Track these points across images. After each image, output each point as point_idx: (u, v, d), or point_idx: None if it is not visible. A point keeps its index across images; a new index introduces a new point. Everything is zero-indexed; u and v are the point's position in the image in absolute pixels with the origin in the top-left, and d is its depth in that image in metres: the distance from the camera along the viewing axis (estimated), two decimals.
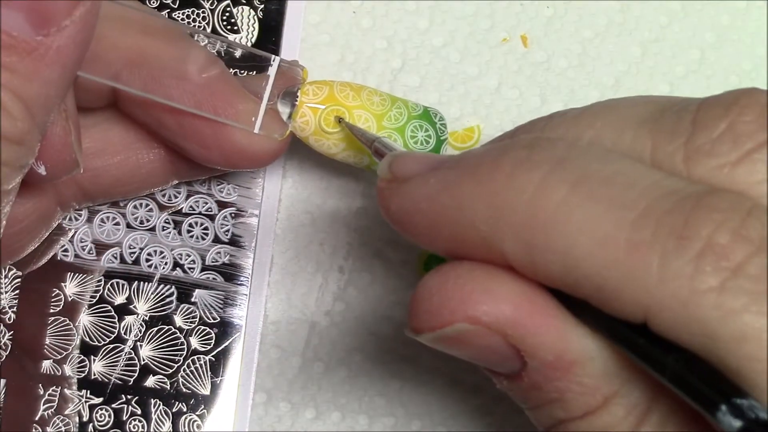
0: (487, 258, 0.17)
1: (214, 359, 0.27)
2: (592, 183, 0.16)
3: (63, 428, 0.27)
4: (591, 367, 0.17)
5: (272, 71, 0.23)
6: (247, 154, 0.24)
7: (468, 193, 0.17)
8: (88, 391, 0.27)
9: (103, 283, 0.28)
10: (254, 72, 0.25)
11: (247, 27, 0.29)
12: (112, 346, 0.28)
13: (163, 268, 0.28)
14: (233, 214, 0.28)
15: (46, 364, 0.28)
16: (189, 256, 0.28)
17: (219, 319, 0.28)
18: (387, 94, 0.25)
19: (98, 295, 0.28)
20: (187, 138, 0.24)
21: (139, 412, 0.27)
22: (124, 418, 0.27)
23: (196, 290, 0.28)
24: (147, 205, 0.28)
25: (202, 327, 0.28)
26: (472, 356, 0.18)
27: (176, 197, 0.28)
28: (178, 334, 0.28)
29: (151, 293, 0.28)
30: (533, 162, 0.17)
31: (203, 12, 0.29)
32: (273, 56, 0.23)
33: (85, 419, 0.27)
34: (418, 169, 0.19)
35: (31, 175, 0.20)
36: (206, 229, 0.28)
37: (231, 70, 0.24)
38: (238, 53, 0.23)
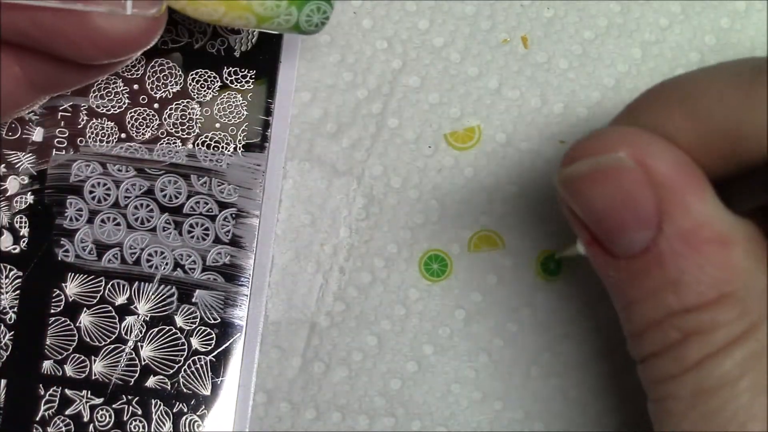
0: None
1: (214, 360, 0.28)
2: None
3: (63, 429, 0.28)
4: (720, 254, 0.17)
5: None
6: (117, 37, 0.22)
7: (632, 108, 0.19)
8: (89, 392, 0.28)
9: (103, 283, 0.28)
10: None
11: None
12: (112, 346, 0.28)
13: (164, 268, 0.28)
14: (234, 215, 0.29)
15: (47, 365, 0.28)
16: (190, 256, 0.28)
17: (220, 319, 0.28)
18: None
19: (99, 295, 0.28)
20: (52, 41, 0.22)
21: (139, 412, 0.28)
22: (125, 419, 0.28)
23: (197, 291, 0.28)
24: (148, 205, 0.29)
25: (203, 327, 0.28)
26: (610, 203, 0.18)
27: (177, 197, 0.29)
28: (179, 334, 0.28)
29: (152, 294, 0.28)
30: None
31: None
32: None
33: (85, 420, 0.28)
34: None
35: None
36: (207, 229, 0.28)
37: None
38: None
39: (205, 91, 0.29)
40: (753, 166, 0.17)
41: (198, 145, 0.29)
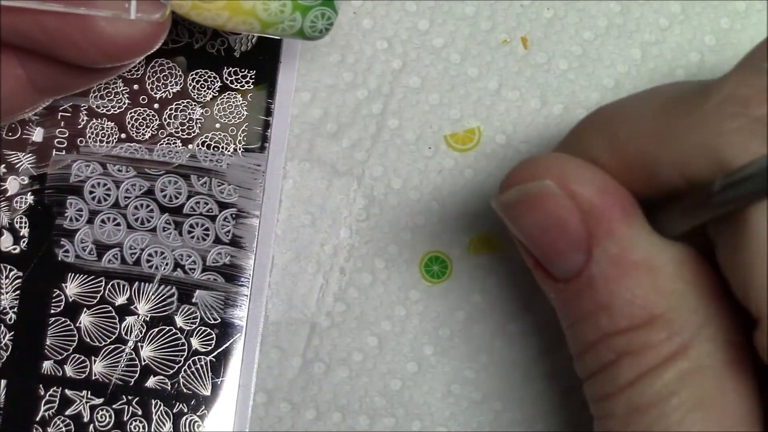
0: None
1: (214, 360, 0.28)
2: None
3: (64, 429, 0.28)
4: (648, 277, 0.18)
5: None
6: (121, 42, 0.22)
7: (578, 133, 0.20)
8: (89, 392, 0.28)
9: (103, 283, 0.28)
10: None
11: None
12: (112, 346, 0.28)
13: (164, 268, 0.28)
14: (234, 215, 0.29)
15: (47, 365, 0.28)
16: (190, 256, 0.28)
17: (220, 319, 0.28)
18: None
19: (99, 295, 0.28)
20: (56, 45, 0.22)
21: (140, 412, 0.28)
22: (125, 419, 0.28)
23: (197, 291, 0.28)
24: (148, 206, 0.29)
25: (203, 328, 0.28)
26: (541, 228, 0.19)
27: (177, 198, 0.29)
28: (179, 334, 0.28)
29: (152, 294, 0.28)
30: None
31: None
32: None
33: (85, 420, 0.28)
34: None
35: None
36: (207, 229, 0.29)
37: None
38: None
39: (205, 91, 0.29)
40: (675, 193, 0.18)
41: (198, 145, 0.29)
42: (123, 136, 0.29)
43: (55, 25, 0.21)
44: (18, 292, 0.28)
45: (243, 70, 0.29)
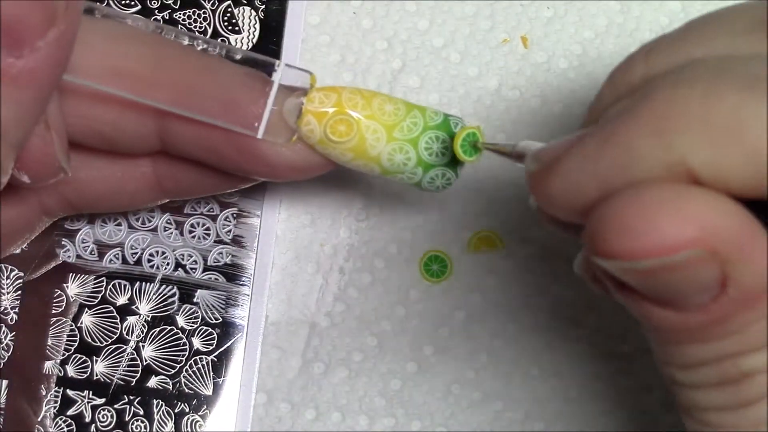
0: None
1: (216, 359, 0.28)
2: (761, 81, 0.16)
3: (65, 429, 0.28)
4: None
5: (277, 76, 0.23)
6: (280, 164, 0.24)
7: (632, 133, 0.17)
8: (91, 392, 0.28)
9: (105, 283, 0.29)
10: None
11: (248, 28, 0.29)
12: (114, 346, 0.29)
13: (165, 268, 0.29)
14: (235, 215, 0.29)
15: (48, 365, 0.28)
16: (191, 256, 0.29)
17: (221, 319, 0.29)
18: (403, 102, 0.24)
19: (100, 295, 0.29)
20: (218, 159, 0.24)
21: (141, 412, 0.28)
22: (127, 419, 0.28)
23: (198, 291, 0.29)
24: None
25: (204, 327, 0.29)
26: (674, 284, 0.17)
27: None
28: (180, 334, 0.29)
29: (153, 294, 0.29)
30: (686, 81, 0.16)
31: (204, 12, 0.29)
32: (277, 61, 0.23)
33: (87, 420, 0.28)
34: (562, 148, 0.18)
35: (15, 179, 0.21)
36: (208, 229, 0.29)
37: None
38: (238, 57, 0.23)
39: None
40: None
41: None
42: None
43: (218, 142, 0.23)
44: (19, 292, 0.29)
45: None
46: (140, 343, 0.29)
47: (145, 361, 0.28)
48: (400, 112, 0.24)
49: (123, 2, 0.29)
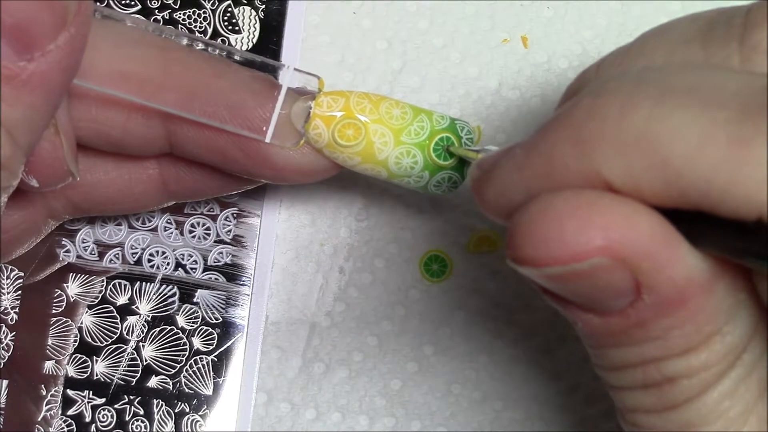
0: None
1: (216, 359, 0.29)
2: (676, 92, 0.16)
3: (65, 429, 0.28)
4: (704, 302, 0.17)
5: (285, 80, 0.23)
6: (287, 168, 0.24)
7: (553, 142, 0.17)
8: (91, 392, 0.29)
9: (105, 283, 0.29)
10: None
11: (248, 27, 0.30)
12: (114, 346, 0.29)
13: (165, 268, 0.29)
14: (235, 215, 0.29)
15: (49, 365, 0.29)
16: (191, 256, 0.29)
17: (221, 319, 0.29)
18: (410, 106, 0.24)
19: (100, 295, 0.29)
20: (239, 162, 0.24)
21: (141, 412, 0.28)
22: (127, 419, 0.28)
23: (198, 290, 0.29)
24: None
25: (205, 327, 0.29)
26: (587, 291, 0.17)
27: None
28: (181, 334, 0.29)
29: (154, 293, 0.29)
30: (608, 92, 0.17)
31: (204, 12, 0.30)
32: (286, 65, 0.23)
33: (87, 420, 0.28)
34: (498, 156, 0.19)
35: (24, 183, 0.21)
36: (208, 229, 0.29)
37: None
38: (245, 59, 0.23)
39: None
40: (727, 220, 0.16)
41: None
42: None
43: (225, 144, 0.23)
44: (19, 292, 0.29)
45: None
46: (140, 343, 0.29)
47: (146, 360, 0.29)
48: (407, 116, 0.24)
49: (123, 2, 0.30)
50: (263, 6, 0.30)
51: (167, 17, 0.29)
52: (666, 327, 0.17)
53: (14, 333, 0.29)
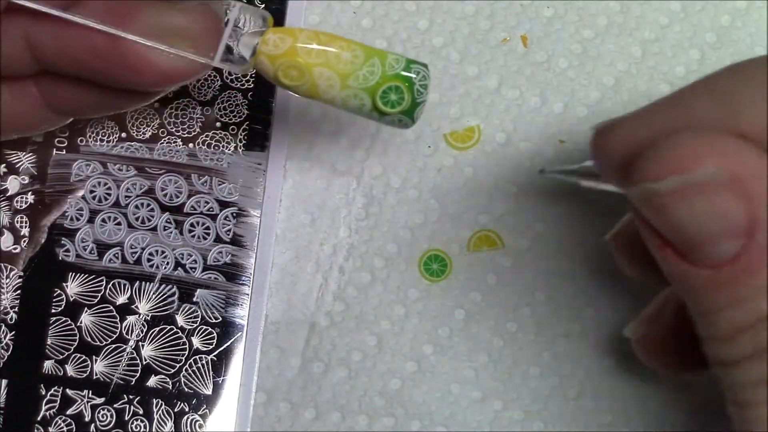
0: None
1: (216, 359, 0.29)
2: None
3: (65, 428, 0.29)
4: None
5: (232, 15, 0.23)
6: (169, 71, 0.23)
7: (692, 93, 0.18)
8: (90, 392, 0.29)
9: (104, 283, 0.29)
10: None
11: (248, 27, 0.30)
12: (113, 346, 0.29)
13: (165, 267, 0.29)
14: (235, 214, 0.29)
15: (48, 365, 0.29)
16: (191, 255, 0.29)
17: (221, 318, 0.29)
18: (363, 47, 0.24)
19: (100, 295, 0.29)
20: (109, 71, 0.23)
21: (141, 412, 0.29)
22: (126, 418, 0.29)
23: (198, 290, 0.29)
24: (148, 205, 0.29)
25: (204, 327, 0.29)
26: (699, 219, 0.17)
27: (178, 196, 0.29)
28: (180, 333, 0.29)
29: (153, 293, 0.29)
30: (751, 62, 0.18)
31: None
32: (232, 1, 0.23)
33: (87, 419, 0.29)
34: (617, 118, 0.20)
35: None
36: (208, 228, 0.29)
37: None
38: None
39: (205, 90, 0.30)
40: None
41: (199, 144, 0.30)
42: (123, 135, 0.30)
43: (109, 51, 0.22)
44: (19, 291, 0.29)
45: None
46: (140, 343, 0.29)
47: (145, 360, 0.29)
48: (357, 60, 0.23)
49: None
50: (263, 6, 0.30)
51: None
52: None
53: (14, 333, 0.29)
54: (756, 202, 0.17)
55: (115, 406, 0.29)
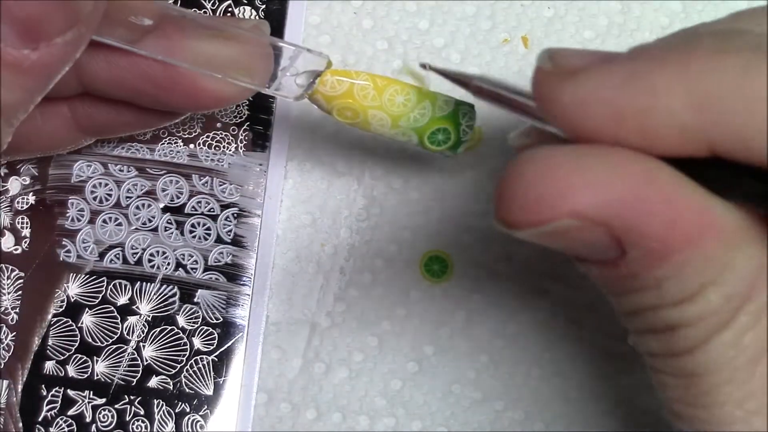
0: (681, 148, 0.17)
1: (216, 359, 0.29)
2: None
3: (66, 429, 0.29)
4: (693, 255, 0.17)
5: (291, 54, 0.24)
6: (221, 97, 0.24)
7: (664, 80, 0.17)
8: (91, 392, 0.29)
9: (105, 283, 0.29)
10: None
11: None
12: (114, 346, 0.29)
13: (166, 268, 0.29)
14: (235, 215, 0.30)
15: (49, 365, 0.29)
16: (191, 256, 0.29)
17: (222, 319, 0.29)
18: (416, 91, 0.25)
19: (101, 295, 0.29)
20: (168, 96, 0.24)
21: (142, 412, 0.29)
22: (127, 419, 0.29)
23: (199, 290, 0.29)
24: (149, 205, 0.30)
25: (205, 327, 0.29)
26: (567, 248, 0.18)
27: (178, 197, 0.30)
28: (181, 334, 0.29)
29: (154, 294, 0.29)
30: (733, 47, 0.17)
31: (205, 12, 0.30)
32: (296, 46, 0.24)
33: (88, 420, 0.29)
34: (587, 62, 0.18)
35: None
36: (209, 229, 0.30)
37: None
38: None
39: None
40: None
41: (200, 144, 0.30)
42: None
43: (165, 79, 0.23)
44: (20, 292, 0.29)
45: None
46: (141, 343, 0.29)
47: (146, 361, 0.29)
48: (410, 103, 0.25)
49: None
50: (263, 6, 0.30)
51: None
52: (658, 278, 0.17)
53: (14, 333, 0.29)
54: (612, 226, 0.17)
55: (116, 406, 0.29)
